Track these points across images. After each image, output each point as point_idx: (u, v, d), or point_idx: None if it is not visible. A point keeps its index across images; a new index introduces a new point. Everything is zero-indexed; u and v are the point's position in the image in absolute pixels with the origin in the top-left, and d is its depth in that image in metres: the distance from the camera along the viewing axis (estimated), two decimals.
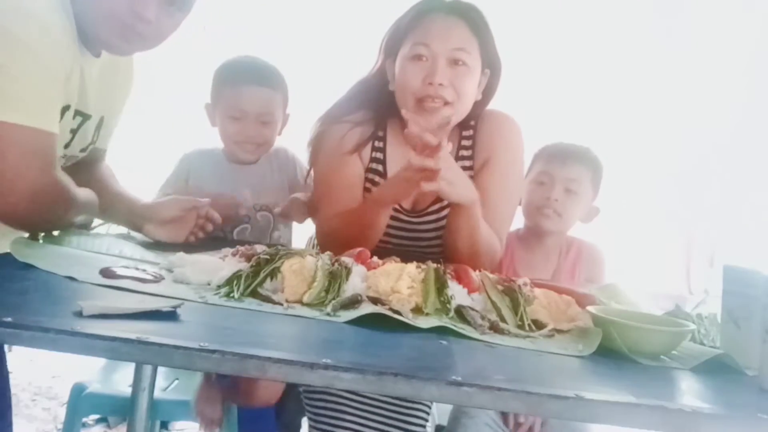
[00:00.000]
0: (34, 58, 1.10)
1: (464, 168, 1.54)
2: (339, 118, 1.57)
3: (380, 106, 1.56)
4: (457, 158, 1.55)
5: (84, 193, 1.27)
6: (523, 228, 1.73)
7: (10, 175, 1.08)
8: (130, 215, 1.41)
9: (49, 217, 1.15)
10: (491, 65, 1.52)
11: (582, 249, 1.71)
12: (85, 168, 1.43)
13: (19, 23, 1.09)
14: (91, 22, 1.21)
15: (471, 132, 1.58)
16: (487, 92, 1.56)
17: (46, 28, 1.12)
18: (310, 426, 1.36)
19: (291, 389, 1.58)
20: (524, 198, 1.68)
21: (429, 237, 1.58)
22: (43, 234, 1.17)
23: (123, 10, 1.18)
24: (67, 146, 1.31)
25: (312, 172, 1.63)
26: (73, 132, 1.31)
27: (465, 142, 1.58)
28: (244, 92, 1.66)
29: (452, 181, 1.26)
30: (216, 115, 1.72)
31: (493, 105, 1.61)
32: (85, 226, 1.35)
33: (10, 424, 1.35)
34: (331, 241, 1.42)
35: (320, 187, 1.57)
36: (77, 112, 1.27)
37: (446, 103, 1.44)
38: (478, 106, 1.55)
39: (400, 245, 1.57)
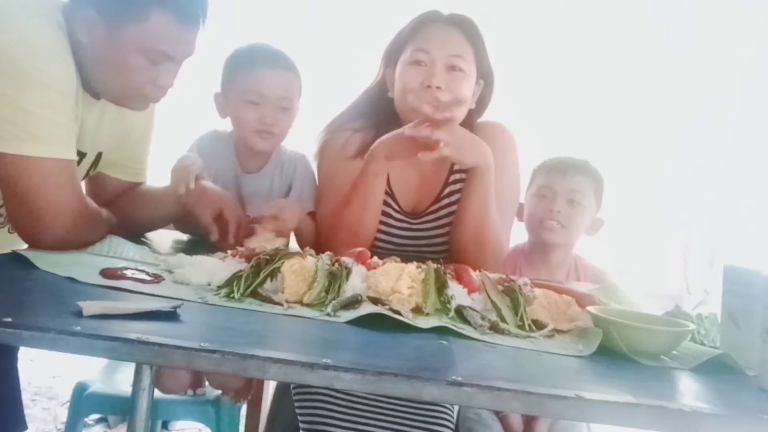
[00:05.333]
0: (45, 88, 1.11)
1: (459, 173, 1.58)
2: (341, 126, 1.62)
3: (381, 114, 1.61)
4: (452, 166, 1.59)
5: (104, 212, 1.32)
6: (528, 244, 1.71)
7: (51, 209, 1.12)
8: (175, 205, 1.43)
9: (87, 239, 1.19)
10: (485, 76, 1.59)
11: (587, 269, 1.70)
12: (125, 196, 1.48)
13: (26, 56, 1.10)
14: (103, 83, 1.24)
15: None
16: (481, 102, 1.62)
17: (52, 58, 1.14)
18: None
19: (290, 389, 1.58)
20: (526, 212, 1.65)
21: (429, 236, 1.59)
22: None
23: (144, 82, 1.22)
24: None
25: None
26: None
27: None
28: (264, 75, 1.54)
29: (459, 147, 1.34)
30: (228, 104, 1.59)
31: (489, 112, 1.66)
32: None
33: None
34: (332, 233, 1.46)
35: (323, 192, 1.60)
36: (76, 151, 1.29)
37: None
38: (472, 116, 1.60)
39: (401, 245, 1.58)
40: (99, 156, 1.39)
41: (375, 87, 1.64)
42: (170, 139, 1.67)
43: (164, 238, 1.48)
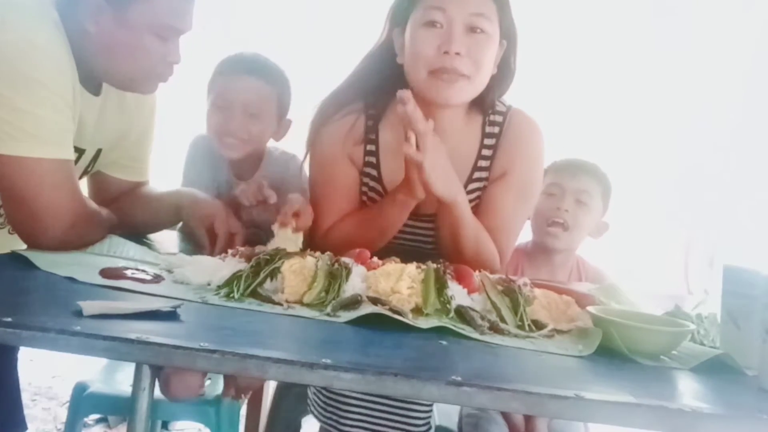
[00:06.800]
0: (42, 87, 1.11)
1: (480, 169, 1.46)
2: (339, 107, 1.46)
3: (386, 86, 1.40)
4: (477, 158, 1.45)
5: (104, 211, 1.31)
6: (531, 244, 1.71)
7: (50, 210, 1.12)
8: (177, 209, 1.41)
9: (86, 239, 1.19)
10: (508, 36, 1.38)
11: (589, 270, 1.70)
12: (126, 196, 1.47)
13: (23, 56, 1.10)
14: (114, 70, 1.24)
15: (497, 129, 1.45)
16: (505, 67, 1.41)
17: (49, 57, 1.13)
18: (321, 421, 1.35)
19: (290, 389, 1.58)
20: (532, 210, 1.64)
21: (433, 238, 1.55)
22: None
23: (157, 61, 1.22)
24: None
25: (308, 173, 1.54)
26: None
27: (488, 141, 1.45)
28: (233, 81, 1.55)
29: (435, 166, 1.22)
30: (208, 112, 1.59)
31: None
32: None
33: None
34: (340, 244, 1.32)
35: (317, 192, 1.49)
36: (74, 148, 1.28)
37: (462, 76, 1.30)
38: (493, 84, 1.39)
39: (407, 243, 1.55)
40: (98, 152, 1.39)
41: (378, 50, 1.43)
42: (170, 139, 1.67)
43: (166, 238, 1.48)
